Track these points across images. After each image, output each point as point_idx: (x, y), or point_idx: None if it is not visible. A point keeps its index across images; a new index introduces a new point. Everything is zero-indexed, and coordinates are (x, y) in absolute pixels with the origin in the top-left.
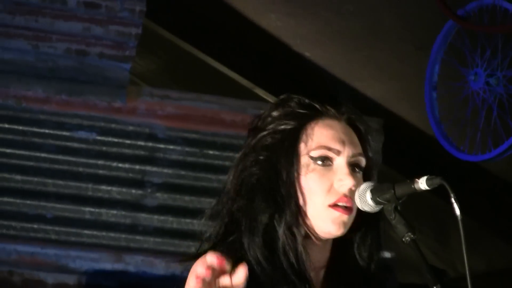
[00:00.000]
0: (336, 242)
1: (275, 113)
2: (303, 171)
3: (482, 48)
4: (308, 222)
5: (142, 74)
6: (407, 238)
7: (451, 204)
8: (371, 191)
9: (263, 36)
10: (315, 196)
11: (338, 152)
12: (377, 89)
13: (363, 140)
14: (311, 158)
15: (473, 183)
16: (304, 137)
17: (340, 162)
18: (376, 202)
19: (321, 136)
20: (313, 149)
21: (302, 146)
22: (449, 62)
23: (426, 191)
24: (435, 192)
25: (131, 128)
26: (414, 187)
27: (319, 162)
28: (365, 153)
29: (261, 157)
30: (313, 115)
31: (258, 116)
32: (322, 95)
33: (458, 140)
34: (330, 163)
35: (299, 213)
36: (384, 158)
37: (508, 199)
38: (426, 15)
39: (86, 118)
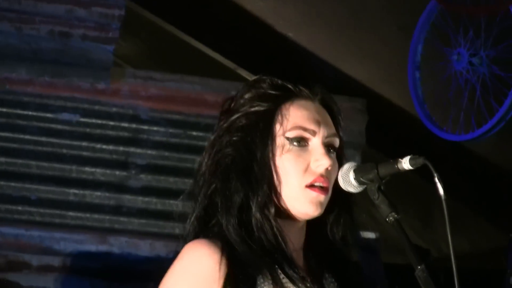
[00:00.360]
0: (310, 223)
1: (248, 95)
2: (278, 151)
3: (464, 28)
4: (283, 203)
5: (126, 56)
6: (390, 218)
7: (435, 184)
8: (354, 171)
9: (246, 17)
10: (291, 177)
11: (313, 133)
12: (360, 70)
13: (335, 121)
14: (287, 139)
15: (457, 163)
16: (279, 118)
17: (316, 142)
18: (360, 182)
19: (296, 117)
20: (289, 130)
21: (277, 127)
22: (432, 42)
23: (409, 171)
24: (418, 172)
25: (114, 109)
26: (398, 167)
27: (295, 143)
28: (338, 134)
29: (235, 138)
30: (287, 96)
31: (230, 98)
32: (294, 76)
33: (442, 120)
34: (306, 143)
35: (273, 194)
36: (368, 138)
37: (492, 179)
38: None
39: (70, 100)
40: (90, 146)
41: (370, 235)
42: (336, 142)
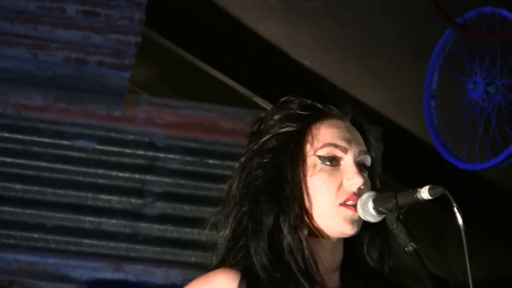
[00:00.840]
0: (346, 243)
1: (277, 116)
2: (309, 172)
3: (480, 57)
4: (315, 223)
5: (141, 82)
6: (409, 247)
7: (453, 213)
8: (373, 200)
9: (262, 44)
10: (324, 196)
11: (345, 150)
12: (375, 97)
13: (366, 139)
14: (319, 157)
15: (471, 192)
16: (309, 138)
17: (348, 161)
18: (379, 212)
19: (326, 135)
20: (320, 148)
21: (307, 147)
22: (447, 70)
23: (428, 200)
24: (434, 201)
25: (130, 137)
26: (416, 197)
27: (327, 163)
28: (369, 152)
29: (266, 160)
30: (316, 116)
31: (259, 120)
32: (322, 97)
33: (457, 149)
34: (338, 163)
35: (304, 215)
36: (384, 166)
37: (507, 208)
38: (424, 23)
39: (85, 126)
40: (106, 174)
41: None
42: (368, 160)
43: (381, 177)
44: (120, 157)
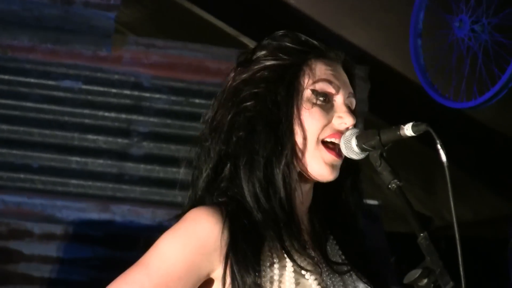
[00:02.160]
0: (317, 185)
1: (270, 47)
2: (305, 105)
3: None
4: (303, 161)
5: (128, 23)
6: (393, 185)
7: (437, 150)
8: (357, 137)
9: None
10: (312, 131)
11: (338, 89)
12: (363, 38)
13: (353, 85)
14: (313, 91)
15: (459, 131)
16: (305, 72)
17: (339, 100)
18: (362, 149)
19: (323, 72)
20: (315, 82)
21: (303, 81)
22: (434, 9)
23: (411, 137)
24: (421, 140)
25: (116, 77)
26: (400, 134)
27: (321, 98)
28: (355, 95)
29: (259, 90)
30: (313, 53)
31: (249, 50)
32: (310, 37)
33: (444, 88)
34: (330, 100)
35: (297, 150)
36: (370, 106)
37: (494, 147)
38: None
39: (72, 67)
40: (92, 114)
41: (372, 202)
42: (354, 103)
43: (368, 116)
44: (106, 97)
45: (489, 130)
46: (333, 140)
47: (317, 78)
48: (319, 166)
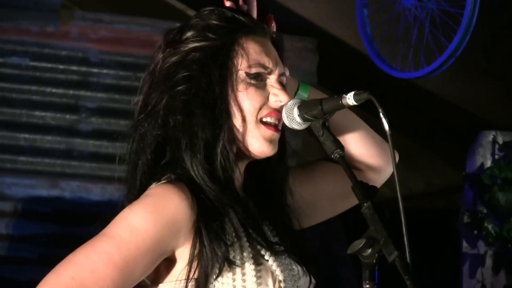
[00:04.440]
0: (248, 164)
1: (198, 27)
2: (239, 86)
3: None
4: (242, 140)
5: None
6: (335, 154)
7: (380, 119)
8: (299, 107)
9: None
10: (249, 111)
11: (271, 71)
12: (311, 9)
13: (282, 59)
14: (247, 74)
15: (409, 101)
16: (237, 53)
17: (273, 79)
18: (304, 119)
19: (255, 53)
20: (250, 66)
21: (236, 61)
22: None
23: (360, 107)
24: (371, 111)
25: (64, 52)
26: (342, 103)
27: (255, 79)
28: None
29: (192, 72)
30: (241, 30)
31: (176, 30)
32: (241, 11)
33: (391, 58)
34: (263, 79)
35: (234, 130)
36: (319, 78)
37: (445, 117)
38: None
39: (19, 43)
40: (40, 90)
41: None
42: (285, 80)
43: (317, 88)
44: (54, 73)
45: (438, 100)
46: (271, 119)
47: (251, 58)
48: (259, 144)
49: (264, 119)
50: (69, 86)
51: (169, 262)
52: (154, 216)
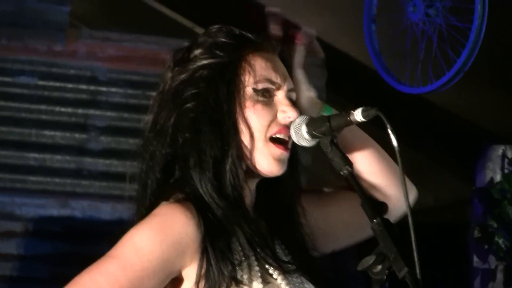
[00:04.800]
0: (259, 183)
1: (205, 45)
2: (247, 103)
3: None
4: (251, 158)
5: (82, 17)
6: (344, 171)
7: (388, 135)
8: (307, 124)
9: None
10: (258, 128)
11: (279, 86)
12: (318, 25)
13: (291, 75)
14: (255, 90)
15: (418, 116)
16: (244, 69)
17: (281, 95)
18: (312, 136)
19: (262, 69)
20: (257, 82)
21: (243, 78)
22: None
23: (368, 123)
24: (379, 127)
25: (72, 71)
26: (350, 119)
27: (263, 94)
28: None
29: (200, 90)
30: (248, 46)
31: (184, 49)
32: (249, 28)
33: (399, 73)
34: (271, 95)
35: (243, 147)
36: (328, 93)
37: (453, 131)
38: None
39: (27, 62)
40: (49, 109)
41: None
42: (294, 96)
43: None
44: (62, 92)
45: (447, 114)
46: (280, 136)
47: (258, 74)
48: (268, 162)
49: (273, 136)
50: (78, 105)
51: (177, 282)
52: (160, 236)
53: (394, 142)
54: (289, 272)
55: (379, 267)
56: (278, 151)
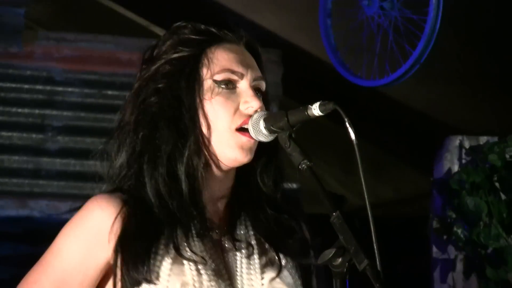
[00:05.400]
0: (239, 171)
1: (170, 42)
2: (207, 96)
3: None
4: (211, 150)
5: (38, 19)
6: (303, 165)
7: (346, 129)
8: (264, 120)
9: None
10: (220, 121)
11: (241, 76)
12: (274, 21)
13: (260, 65)
14: (215, 82)
15: (376, 109)
16: (205, 61)
17: (244, 85)
18: (270, 131)
19: (223, 60)
20: (217, 73)
21: (204, 71)
22: None
23: (327, 117)
24: (339, 122)
25: (28, 72)
26: (308, 114)
27: (223, 86)
28: (264, 77)
29: (161, 85)
30: (211, 40)
31: (151, 47)
32: (217, 22)
33: (356, 67)
34: (234, 86)
35: (202, 141)
36: (284, 89)
37: (411, 124)
38: None
39: None
40: (6, 111)
41: (292, 186)
42: (263, 85)
43: (283, 100)
44: (19, 93)
45: (404, 107)
46: (245, 126)
47: (218, 67)
48: (232, 151)
49: (239, 127)
50: (34, 106)
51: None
52: (76, 231)
53: (352, 136)
54: (245, 256)
55: (340, 259)
56: (244, 138)
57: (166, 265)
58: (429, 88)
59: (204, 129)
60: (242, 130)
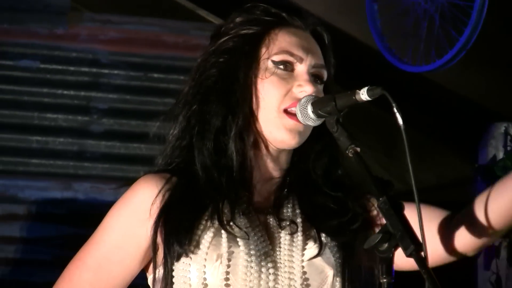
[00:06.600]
0: (295, 156)
1: (238, 19)
2: (262, 74)
3: None
4: (259, 129)
5: (83, 0)
6: (350, 150)
7: (394, 114)
8: (312, 104)
9: None
10: (270, 100)
11: (300, 59)
12: (318, 5)
13: (326, 54)
14: (273, 62)
15: (420, 95)
16: (266, 41)
17: (302, 69)
18: (318, 115)
19: (284, 42)
20: (275, 54)
21: (263, 50)
22: None
23: (373, 103)
24: (383, 107)
25: (74, 54)
26: (355, 98)
27: (281, 67)
28: (327, 66)
29: (221, 60)
30: (278, 23)
31: (221, 24)
32: (291, 7)
33: (402, 52)
34: (292, 69)
35: (251, 118)
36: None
37: (455, 110)
38: None
39: (29, 46)
40: (51, 92)
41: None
42: (324, 74)
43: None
44: (65, 75)
45: (449, 92)
46: (293, 109)
47: (277, 48)
48: (280, 133)
49: (287, 109)
50: (80, 88)
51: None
52: (119, 210)
53: (400, 121)
54: (289, 233)
55: (386, 245)
56: (291, 121)
57: (207, 238)
58: (474, 73)
59: (254, 106)
60: (290, 114)
